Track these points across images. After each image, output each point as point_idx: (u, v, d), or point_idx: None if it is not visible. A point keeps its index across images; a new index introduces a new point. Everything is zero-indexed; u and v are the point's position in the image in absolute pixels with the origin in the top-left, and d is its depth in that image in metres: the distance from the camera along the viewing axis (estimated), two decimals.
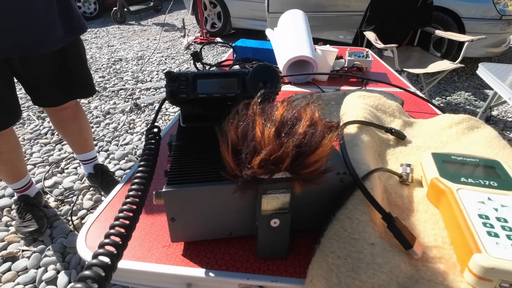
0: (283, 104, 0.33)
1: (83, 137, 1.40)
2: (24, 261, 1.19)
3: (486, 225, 0.33)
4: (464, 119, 0.59)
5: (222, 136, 0.31)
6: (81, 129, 1.37)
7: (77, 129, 1.35)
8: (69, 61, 1.14)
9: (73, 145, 1.43)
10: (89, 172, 1.51)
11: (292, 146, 0.28)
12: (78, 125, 1.34)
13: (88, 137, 1.42)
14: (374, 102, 0.65)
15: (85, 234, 0.42)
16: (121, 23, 5.32)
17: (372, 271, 0.31)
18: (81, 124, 1.35)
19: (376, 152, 0.53)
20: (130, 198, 0.32)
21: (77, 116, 1.32)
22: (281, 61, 0.98)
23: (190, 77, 0.45)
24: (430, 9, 2.52)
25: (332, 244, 0.34)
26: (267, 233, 0.36)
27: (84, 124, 1.38)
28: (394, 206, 0.43)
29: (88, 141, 1.43)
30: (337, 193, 0.38)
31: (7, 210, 1.41)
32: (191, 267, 0.37)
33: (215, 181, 0.35)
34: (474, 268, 0.30)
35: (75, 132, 1.36)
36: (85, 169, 1.53)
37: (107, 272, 0.25)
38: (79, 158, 1.48)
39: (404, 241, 0.34)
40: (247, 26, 4.25)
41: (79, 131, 1.37)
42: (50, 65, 1.09)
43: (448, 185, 0.40)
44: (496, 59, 3.65)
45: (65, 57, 1.12)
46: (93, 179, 1.51)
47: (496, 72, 1.68)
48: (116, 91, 2.71)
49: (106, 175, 1.50)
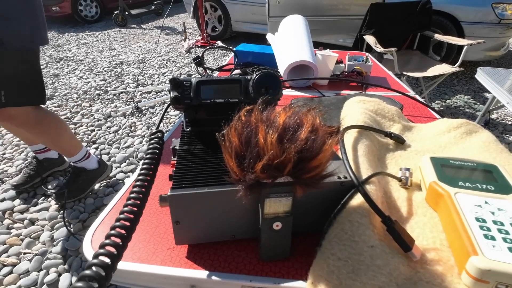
0: (285, 110, 0.34)
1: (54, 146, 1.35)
2: (26, 263, 1.19)
3: (483, 228, 0.34)
4: (462, 124, 0.60)
5: (226, 142, 0.32)
6: (46, 140, 1.31)
7: (42, 138, 1.29)
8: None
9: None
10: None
11: (294, 152, 0.29)
12: (39, 134, 1.27)
13: (59, 148, 1.38)
14: (374, 107, 0.66)
15: (91, 236, 0.43)
16: (122, 26, 5.35)
17: (372, 273, 0.32)
18: (44, 134, 1.27)
19: (376, 156, 0.54)
20: (131, 200, 0.33)
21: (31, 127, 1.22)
22: (282, 66, 0.99)
23: (194, 83, 0.46)
24: (429, 13, 2.54)
25: (333, 246, 0.35)
26: (270, 236, 0.36)
27: (47, 136, 1.29)
28: (393, 209, 0.44)
29: (63, 149, 1.39)
30: (338, 197, 0.39)
31: (9, 213, 1.42)
32: (195, 269, 0.38)
33: (219, 185, 0.36)
34: (471, 270, 0.31)
35: (40, 140, 1.30)
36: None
37: (107, 272, 0.26)
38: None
39: (403, 244, 0.34)
40: (247, 29, 4.28)
41: (44, 141, 1.31)
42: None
43: (446, 189, 0.41)
44: (495, 62, 3.67)
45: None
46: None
47: (495, 77, 1.69)
48: (117, 94, 2.73)
49: (74, 180, 1.46)
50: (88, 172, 1.51)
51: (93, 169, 1.53)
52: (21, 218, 1.40)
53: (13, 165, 1.75)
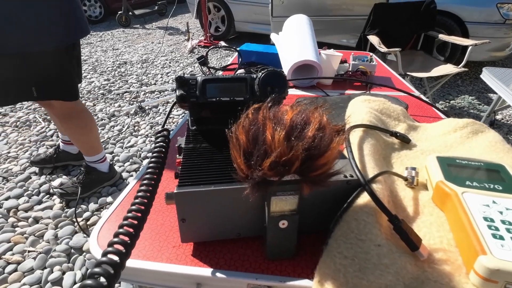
0: (292, 108, 0.34)
1: (79, 143, 1.45)
2: (30, 261, 1.20)
3: (491, 228, 0.34)
4: (469, 123, 0.60)
5: (233, 139, 0.32)
6: (71, 135, 1.42)
7: (69, 132, 1.41)
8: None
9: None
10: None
11: (301, 149, 0.29)
12: (67, 127, 1.38)
13: (80, 145, 1.46)
14: (379, 106, 0.66)
15: (97, 234, 0.43)
16: (126, 26, 5.37)
17: (379, 272, 0.32)
18: (71, 130, 1.38)
19: (381, 156, 0.54)
20: (138, 198, 0.33)
21: (66, 119, 1.35)
22: (286, 65, 0.99)
23: (200, 81, 0.47)
24: (433, 13, 2.53)
25: (340, 245, 0.34)
26: (276, 234, 0.36)
27: (73, 132, 1.39)
28: (399, 209, 0.44)
29: (86, 148, 1.46)
30: (344, 195, 0.38)
31: (13, 211, 1.43)
32: (200, 267, 0.38)
33: (225, 183, 0.36)
34: (479, 269, 0.31)
35: (67, 133, 1.43)
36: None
37: (116, 270, 0.26)
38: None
39: (410, 243, 0.34)
40: (250, 29, 4.28)
41: (69, 135, 1.42)
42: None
43: (453, 188, 0.41)
44: (500, 63, 3.64)
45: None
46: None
47: (500, 77, 1.68)
48: (120, 94, 2.74)
49: (84, 177, 1.53)
50: (99, 173, 1.55)
51: (103, 172, 1.56)
52: (25, 216, 1.41)
53: (18, 164, 1.76)
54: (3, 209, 1.43)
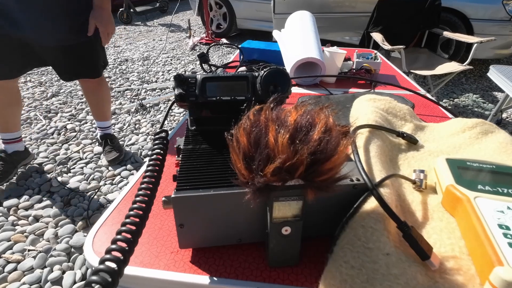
0: (296, 109, 0.32)
1: (100, 109, 1.74)
2: (30, 260, 1.19)
3: (507, 236, 0.32)
4: (478, 123, 0.58)
5: (233, 142, 0.31)
6: (98, 103, 1.72)
7: (96, 101, 1.71)
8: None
9: (92, 113, 1.78)
10: (98, 137, 1.86)
11: (307, 154, 0.27)
12: (96, 98, 1.69)
13: (104, 109, 1.75)
14: (385, 106, 0.64)
15: (92, 238, 0.42)
16: (127, 23, 5.35)
17: (388, 283, 0.30)
18: (98, 98, 1.70)
19: (388, 157, 0.52)
20: (136, 203, 0.31)
21: (96, 91, 1.66)
22: (289, 63, 0.97)
23: (199, 80, 0.45)
24: (437, 10, 2.50)
25: (346, 253, 0.33)
26: (278, 241, 0.35)
27: (101, 99, 1.70)
28: (408, 214, 0.42)
29: (104, 113, 1.76)
30: (350, 200, 0.37)
31: (14, 209, 1.42)
32: (199, 274, 0.36)
33: (225, 187, 0.34)
34: (495, 281, 0.29)
35: (94, 102, 1.71)
36: (99, 133, 1.85)
37: (113, 278, 0.25)
38: (96, 123, 1.82)
39: (421, 252, 0.32)
40: (252, 27, 4.25)
41: (97, 103, 1.72)
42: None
43: (465, 192, 0.39)
44: (505, 61, 3.60)
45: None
46: (100, 145, 1.86)
47: (508, 75, 1.65)
48: (121, 92, 2.73)
49: (108, 145, 1.79)
50: (114, 136, 1.85)
51: (114, 135, 1.87)
52: (25, 215, 1.40)
53: None
54: (3, 207, 1.42)
